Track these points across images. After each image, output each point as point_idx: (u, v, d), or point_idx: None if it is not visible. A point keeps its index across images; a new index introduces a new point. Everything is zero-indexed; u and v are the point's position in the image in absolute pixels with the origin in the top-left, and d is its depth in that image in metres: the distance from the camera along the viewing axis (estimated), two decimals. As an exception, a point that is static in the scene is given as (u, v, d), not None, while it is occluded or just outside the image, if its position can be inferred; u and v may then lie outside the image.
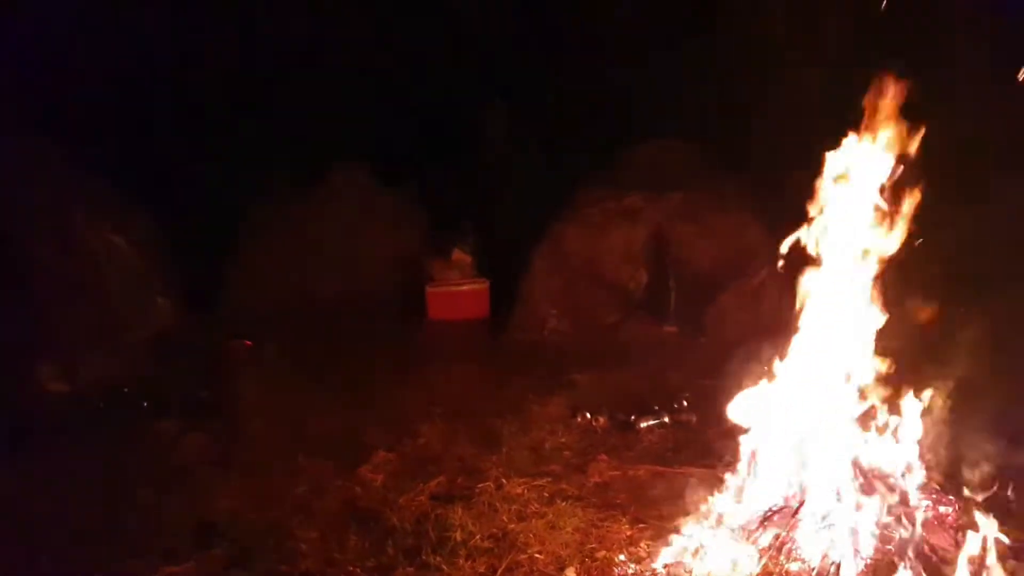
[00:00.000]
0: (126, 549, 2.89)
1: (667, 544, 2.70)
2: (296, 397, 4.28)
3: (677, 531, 2.74)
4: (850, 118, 2.72)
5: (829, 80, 5.24)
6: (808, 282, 2.79)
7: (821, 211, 2.77)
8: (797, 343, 2.82)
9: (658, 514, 2.95)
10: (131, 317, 4.91)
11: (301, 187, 6.14)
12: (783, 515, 2.65)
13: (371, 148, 6.25)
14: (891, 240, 2.70)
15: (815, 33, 5.81)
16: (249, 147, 6.25)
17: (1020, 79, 3.72)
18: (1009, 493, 2.82)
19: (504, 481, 3.26)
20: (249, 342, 5.07)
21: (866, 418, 2.73)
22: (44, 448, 3.67)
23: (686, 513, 2.80)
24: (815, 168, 2.77)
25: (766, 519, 2.65)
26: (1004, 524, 2.45)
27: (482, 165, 6.52)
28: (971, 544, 2.38)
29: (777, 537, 2.58)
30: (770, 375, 2.84)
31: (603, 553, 2.75)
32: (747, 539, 2.61)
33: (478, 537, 2.87)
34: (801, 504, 2.63)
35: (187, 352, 4.92)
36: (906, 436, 2.71)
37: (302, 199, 6.13)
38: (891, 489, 2.62)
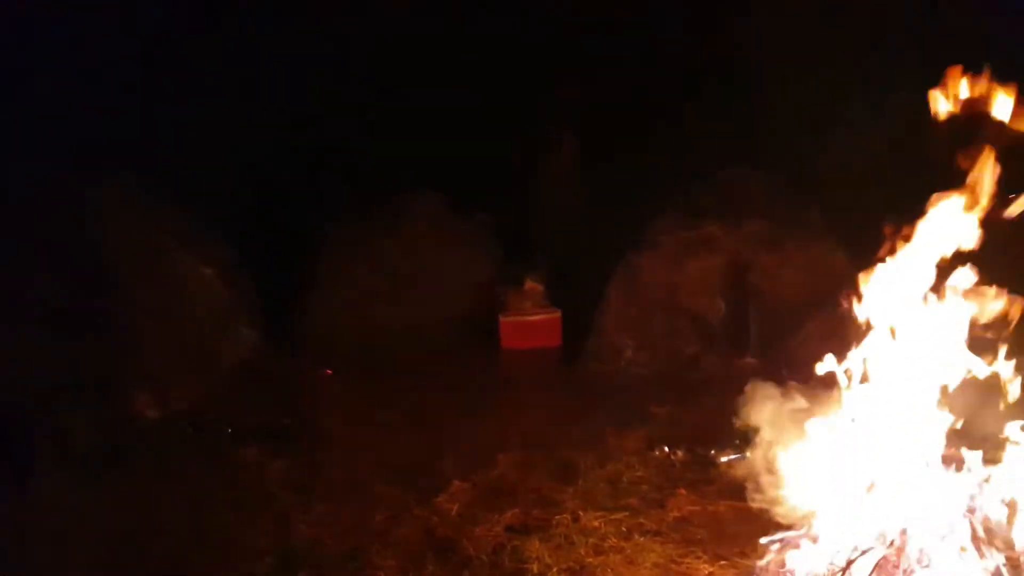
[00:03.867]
0: (209, 572, 2.97)
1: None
2: (373, 425, 4.34)
3: (759, 570, 2.63)
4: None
5: (911, 102, 5.05)
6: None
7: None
8: (890, 373, 2.68)
9: (739, 551, 2.85)
10: (218, 347, 5.10)
11: (378, 216, 6.28)
12: (870, 559, 2.50)
13: (446, 177, 6.36)
14: None
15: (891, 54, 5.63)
16: (326, 176, 6.45)
17: None
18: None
19: (581, 514, 3.21)
20: (329, 371, 5.19)
21: (969, 457, 2.57)
22: (135, 471, 3.83)
23: (768, 552, 2.68)
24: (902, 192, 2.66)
25: (851, 562, 2.51)
26: None
27: (554, 193, 6.55)
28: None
29: (867, 581, 2.44)
30: (859, 406, 2.71)
31: (683, 591, 2.67)
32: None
33: (555, 570, 2.83)
34: (890, 546, 2.48)
35: (269, 380, 5.06)
36: (1015, 478, 2.53)
37: (379, 228, 6.27)
38: (997, 535, 2.45)
